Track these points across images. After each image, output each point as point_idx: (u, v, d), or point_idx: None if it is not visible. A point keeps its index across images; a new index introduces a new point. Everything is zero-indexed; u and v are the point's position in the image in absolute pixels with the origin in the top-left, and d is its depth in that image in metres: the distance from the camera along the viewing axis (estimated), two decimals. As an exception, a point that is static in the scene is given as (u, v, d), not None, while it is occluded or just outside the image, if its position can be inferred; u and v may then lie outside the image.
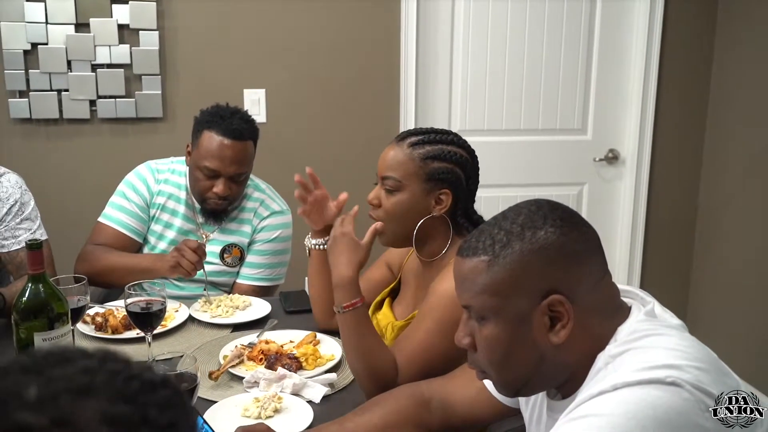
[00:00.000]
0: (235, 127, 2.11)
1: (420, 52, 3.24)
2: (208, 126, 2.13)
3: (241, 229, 2.28)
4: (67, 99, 2.98)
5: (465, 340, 1.14)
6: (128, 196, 2.27)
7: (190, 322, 2.00)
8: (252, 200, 2.31)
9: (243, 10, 3.09)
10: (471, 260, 1.09)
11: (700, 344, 1.06)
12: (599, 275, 1.10)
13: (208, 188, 2.15)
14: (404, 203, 1.62)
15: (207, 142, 2.12)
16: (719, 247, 3.44)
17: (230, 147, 2.11)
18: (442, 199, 1.62)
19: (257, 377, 1.61)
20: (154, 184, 2.28)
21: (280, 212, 2.32)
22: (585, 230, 1.11)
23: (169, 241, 2.27)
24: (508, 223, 1.09)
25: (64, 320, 1.53)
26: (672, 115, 3.46)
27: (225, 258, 2.27)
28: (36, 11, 2.89)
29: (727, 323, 3.40)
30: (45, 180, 3.04)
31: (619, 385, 0.98)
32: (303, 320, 2.00)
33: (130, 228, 2.26)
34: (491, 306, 1.08)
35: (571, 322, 1.05)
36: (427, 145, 1.61)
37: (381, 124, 3.24)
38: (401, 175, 1.61)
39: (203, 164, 2.12)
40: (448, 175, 1.61)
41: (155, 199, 2.27)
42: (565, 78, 3.41)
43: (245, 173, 2.19)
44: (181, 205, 2.28)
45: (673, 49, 3.38)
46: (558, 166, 3.51)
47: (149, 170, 2.30)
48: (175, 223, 2.27)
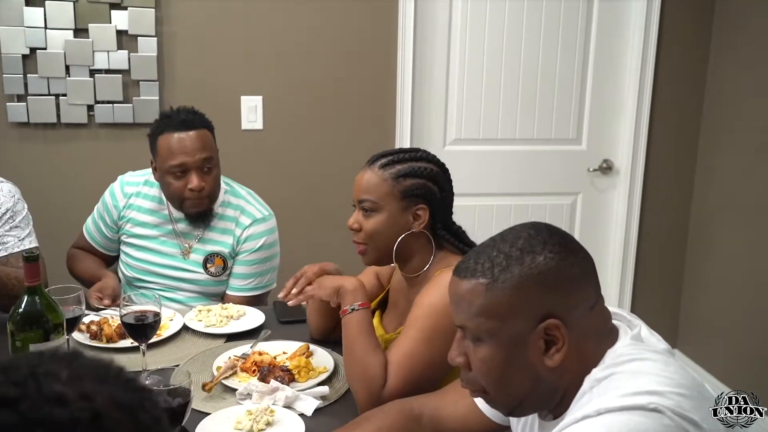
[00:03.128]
0: (183, 119, 2.18)
1: (416, 61, 3.26)
2: (160, 131, 2.18)
3: (223, 239, 2.29)
4: (65, 104, 2.99)
5: (459, 359, 1.16)
6: (100, 211, 2.38)
7: (185, 332, 2.01)
8: (231, 207, 2.31)
9: (241, 17, 3.11)
10: (469, 282, 1.11)
11: (683, 369, 1.08)
12: (593, 300, 1.12)
13: (183, 188, 2.17)
14: (383, 223, 1.66)
15: (164, 144, 2.16)
16: (712, 257, 3.46)
17: (187, 138, 2.15)
18: (420, 214, 1.67)
19: (250, 389, 1.63)
20: (121, 199, 2.33)
21: (262, 219, 2.32)
22: (582, 256, 1.13)
23: (145, 251, 2.30)
24: (507, 246, 1.10)
25: (60, 331, 1.55)
26: (666, 127, 3.48)
27: (208, 268, 2.28)
28: (35, 16, 2.90)
29: (719, 333, 3.42)
30: (42, 184, 3.06)
31: (603, 410, 1.00)
32: (296, 330, 2.01)
33: (98, 243, 2.40)
34: (487, 328, 1.09)
35: (566, 346, 1.07)
36: (397, 164, 1.67)
37: (377, 133, 3.26)
38: (376, 196, 1.66)
39: (169, 165, 2.15)
40: (421, 190, 1.66)
41: (123, 214, 2.32)
42: (560, 88, 3.43)
43: (211, 158, 2.20)
44: (155, 217, 2.30)
45: (668, 60, 3.41)
46: (552, 175, 3.53)
47: (119, 185, 2.36)
48: (149, 234, 2.30)
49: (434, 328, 1.57)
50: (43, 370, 0.62)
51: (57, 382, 0.61)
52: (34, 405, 0.59)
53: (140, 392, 0.66)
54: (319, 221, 3.30)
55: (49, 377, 0.61)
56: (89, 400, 0.60)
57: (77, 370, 0.64)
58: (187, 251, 2.28)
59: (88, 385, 0.62)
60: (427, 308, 1.59)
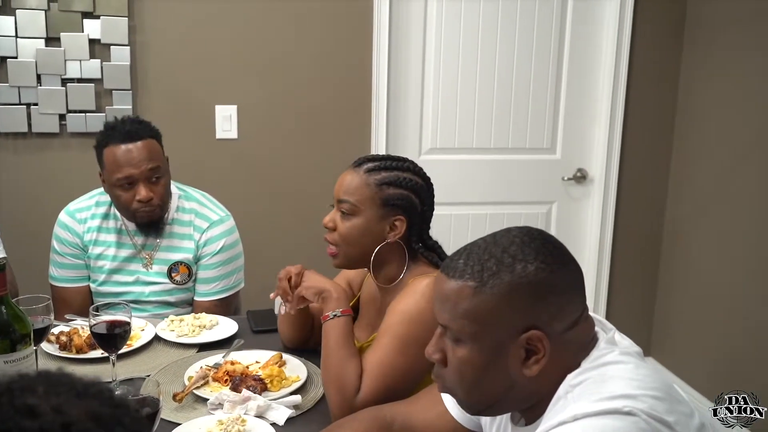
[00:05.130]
0: (128, 130, 2.14)
1: (392, 71, 3.27)
2: (105, 143, 2.14)
3: (183, 245, 2.26)
4: (36, 113, 2.96)
5: (435, 355, 1.15)
6: (59, 250, 2.28)
7: (156, 342, 1.99)
8: (186, 212, 2.29)
9: (215, 26, 3.10)
10: (456, 282, 1.09)
11: (656, 372, 1.09)
12: (579, 312, 1.12)
13: (131, 199, 2.14)
14: (359, 227, 1.65)
15: (110, 156, 2.12)
16: (685, 266, 3.50)
17: (132, 149, 2.12)
18: (396, 225, 1.66)
19: (221, 399, 1.61)
20: (78, 226, 2.27)
21: (219, 221, 2.30)
22: (572, 268, 1.12)
23: (107, 271, 2.26)
24: (498, 250, 1.09)
25: (27, 341, 1.52)
26: (640, 135, 3.52)
27: (173, 277, 2.26)
28: (6, 24, 2.87)
29: (692, 340, 3.45)
30: (12, 194, 3.02)
31: (579, 415, 1.00)
32: (270, 340, 2.00)
33: (74, 279, 2.29)
34: (470, 331, 1.09)
35: (546, 357, 1.07)
36: (383, 171, 1.66)
37: (353, 142, 3.26)
38: (357, 199, 1.65)
39: (116, 177, 2.12)
40: (402, 202, 1.65)
41: (86, 238, 2.27)
42: (534, 98, 3.45)
43: (158, 168, 2.16)
44: (111, 235, 2.27)
45: (641, 68, 3.45)
46: (527, 184, 3.55)
47: (69, 216, 2.29)
48: (109, 253, 2.26)
49: (408, 335, 1.56)
50: (20, 385, 0.64)
51: (32, 396, 0.63)
52: (3, 416, 0.60)
53: (120, 408, 0.66)
54: (295, 230, 3.29)
55: (25, 392, 0.63)
56: (61, 414, 0.61)
57: (56, 387, 0.65)
58: (148, 263, 2.25)
59: (63, 400, 0.63)
60: (401, 315, 1.59)
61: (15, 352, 1.49)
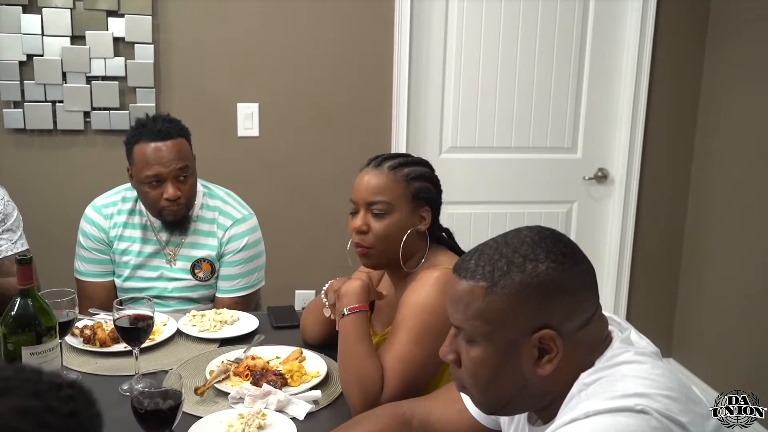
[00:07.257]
0: (160, 128, 2.15)
1: (412, 70, 3.28)
2: (136, 140, 2.16)
3: (207, 242, 2.29)
4: (61, 110, 3.01)
5: (450, 355, 1.15)
6: (85, 245, 2.30)
7: (178, 336, 2.02)
8: (209, 209, 2.31)
9: (237, 24, 3.12)
10: (468, 282, 1.10)
11: (671, 372, 1.08)
12: (592, 311, 1.11)
13: (159, 197, 2.16)
14: (395, 224, 1.67)
15: (140, 153, 2.15)
16: (707, 266, 3.47)
17: (162, 148, 2.14)
18: (424, 216, 1.70)
19: (242, 393, 1.63)
20: (104, 221, 2.29)
21: (243, 219, 2.32)
22: (584, 267, 1.12)
23: (132, 267, 2.28)
24: (509, 250, 1.09)
25: (52, 334, 1.55)
26: (661, 135, 3.50)
27: (196, 273, 2.28)
28: (32, 23, 2.92)
29: (714, 342, 3.42)
30: (38, 190, 3.07)
31: (591, 413, 1.00)
32: (290, 335, 2.02)
33: (99, 274, 2.30)
34: (483, 332, 1.09)
35: (559, 356, 1.07)
36: (405, 167, 1.69)
37: (373, 141, 3.27)
38: (391, 197, 1.66)
39: (145, 175, 2.14)
40: (427, 193, 1.71)
41: (112, 233, 2.29)
42: (555, 97, 3.44)
43: (187, 167, 2.18)
44: (136, 230, 2.29)
45: (663, 69, 3.43)
46: (548, 184, 3.55)
47: (95, 210, 2.31)
48: (134, 249, 2.28)
49: (422, 326, 1.57)
50: None
51: None
52: None
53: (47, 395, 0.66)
54: (316, 228, 3.30)
55: None
56: None
57: None
58: (172, 259, 2.28)
59: None
60: (414, 307, 1.60)
61: (40, 344, 1.52)
